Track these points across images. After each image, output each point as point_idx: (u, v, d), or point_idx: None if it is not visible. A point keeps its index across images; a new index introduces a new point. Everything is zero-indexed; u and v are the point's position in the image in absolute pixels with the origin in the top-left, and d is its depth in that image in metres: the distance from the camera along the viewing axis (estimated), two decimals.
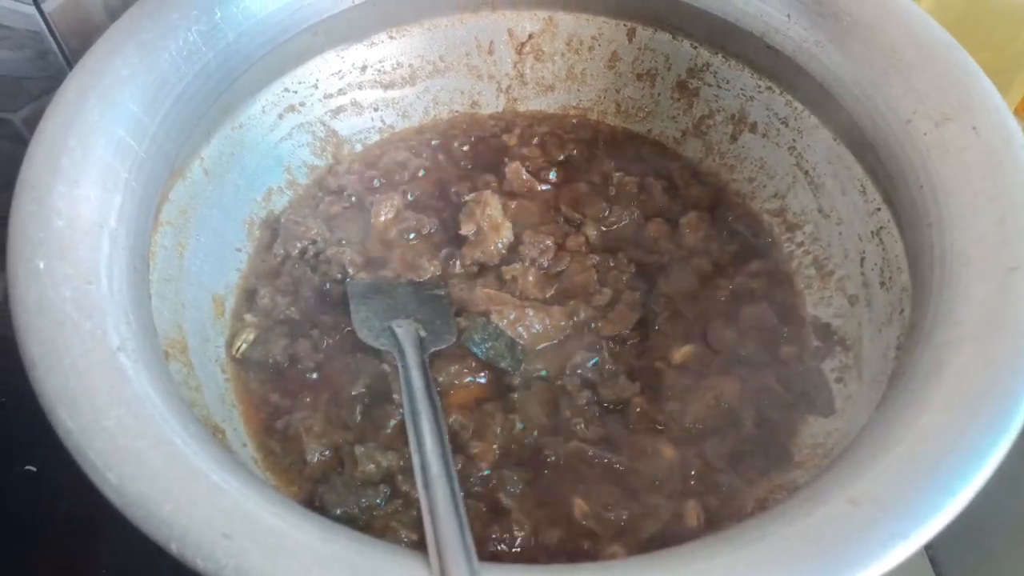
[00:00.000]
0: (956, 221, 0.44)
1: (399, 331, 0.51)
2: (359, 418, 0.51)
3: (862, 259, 0.55)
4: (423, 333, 0.52)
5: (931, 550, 0.54)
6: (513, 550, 0.46)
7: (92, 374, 0.36)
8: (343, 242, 0.59)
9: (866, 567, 0.31)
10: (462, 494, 0.39)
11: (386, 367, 0.52)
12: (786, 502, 0.35)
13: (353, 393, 0.52)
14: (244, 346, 0.53)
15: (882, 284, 0.53)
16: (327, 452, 0.49)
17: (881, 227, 0.54)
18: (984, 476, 0.33)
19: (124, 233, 0.44)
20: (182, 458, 0.34)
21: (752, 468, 0.50)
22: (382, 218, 0.60)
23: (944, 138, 0.46)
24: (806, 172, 0.60)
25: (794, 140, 0.61)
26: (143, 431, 0.35)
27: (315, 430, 0.50)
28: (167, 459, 0.34)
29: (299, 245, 0.58)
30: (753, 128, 0.63)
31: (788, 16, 0.56)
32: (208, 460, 0.35)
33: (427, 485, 0.38)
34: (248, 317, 0.55)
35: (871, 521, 0.32)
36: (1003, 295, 0.39)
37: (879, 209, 0.54)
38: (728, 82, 0.63)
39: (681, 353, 0.55)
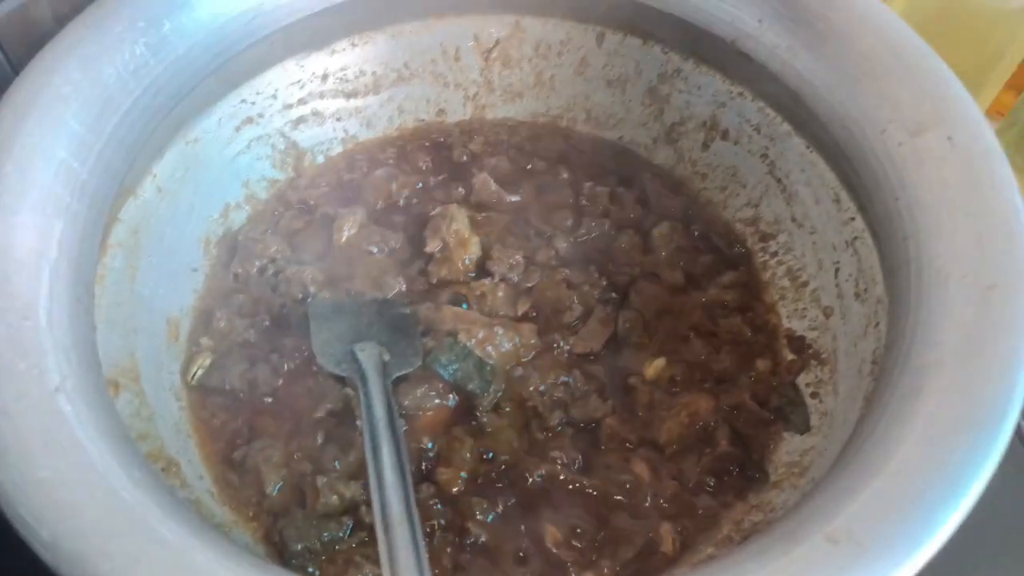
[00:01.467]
0: (933, 236, 0.42)
1: (361, 355, 0.49)
2: (320, 445, 0.49)
3: (836, 270, 0.54)
4: (387, 356, 0.50)
5: None
6: None
7: (26, 419, 0.34)
8: (304, 260, 0.57)
9: None
10: (423, 540, 0.37)
11: (349, 391, 0.50)
12: (763, 537, 0.33)
13: (315, 418, 0.50)
14: (200, 372, 0.51)
15: (857, 296, 0.52)
16: (287, 483, 0.47)
17: (856, 237, 0.52)
18: (965, 509, 0.32)
19: (66, 262, 0.42)
20: (125, 510, 0.32)
21: (728, 489, 0.48)
22: (345, 234, 0.58)
23: (920, 149, 0.45)
24: (779, 180, 0.59)
25: (767, 147, 0.59)
26: (81, 481, 0.32)
27: (274, 460, 0.48)
28: (107, 512, 0.32)
29: (257, 263, 0.56)
30: (725, 135, 0.62)
31: (760, 21, 0.54)
32: (155, 510, 0.33)
33: (387, 528, 0.36)
34: (204, 341, 0.53)
35: (849, 560, 0.30)
36: (982, 315, 0.38)
37: (853, 219, 0.53)
38: (699, 88, 0.62)
39: (653, 368, 0.53)
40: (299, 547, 0.44)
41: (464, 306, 0.55)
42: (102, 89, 0.47)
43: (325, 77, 0.63)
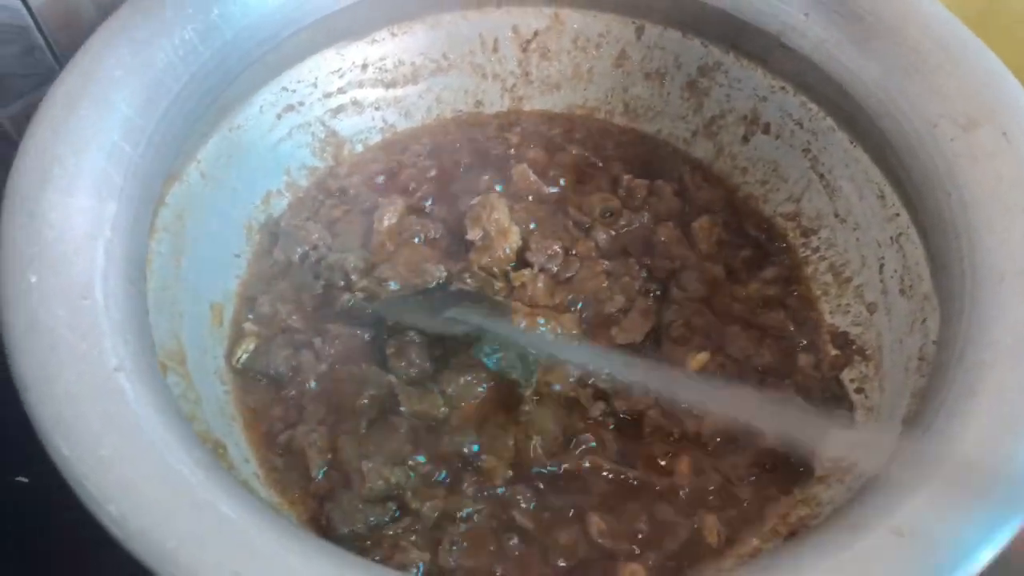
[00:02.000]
0: (986, 234, 0.42)
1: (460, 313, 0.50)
2: (365, 430, 0.49)
3: (881, 265, 0.54)
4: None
5: None
6: (528, 571, 0.44)
7: (87, 399, 0.34)
8: (345, 247, 0.57)
9: None
10: None
11: (392, 378, 0.50)
12: (820, 531, 0.33)
13: (359, 404, 0.50)
14: (245, 356, 0.51)
15: (902, 292, 0.51)
16: (332, 467, 0.47)
17: (900, 233, 0.52)
18: None
19: (120, 243, 0.42)
20: (187, 488, 0.32)
21: (773, 482, 0.48)
22: (385, 223, 0.58)
23: (972, 144, 0.45)
24: (821, 175, 0.58)
25: (809, 142, 0.59)
26: (143, 459, 0.33)
27: (319, 444, 0.48)
28: (170, 490, 0.32)
29: (299, 250, 0.56)
30: (766, 129, 0.61)
31: (806, 15, 0.54)
32: (215, 489, 0.33)
33: None
34: (248, 326, 0.53)
35: (917, 554, 0.30)
36: None
37: (898, 215, 0.53)
38: (740, 82, 0.62)
39: (696, 361, 0.53)
40: (346, 531, 0.44)
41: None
42: (152, 73, 0.47)
43: (365, 66, 0.63)
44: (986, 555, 0.30)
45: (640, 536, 0.46)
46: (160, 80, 0.47)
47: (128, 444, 0.33)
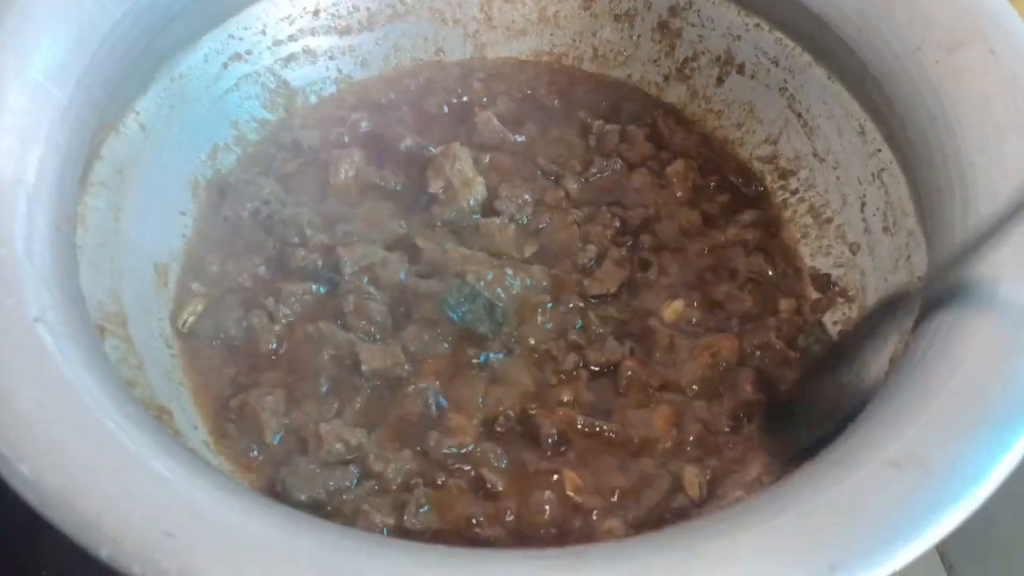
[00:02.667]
0: (977, 155, 0.40)
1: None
2: (324, 393, 0.46)
3: (862, 204, 0.51)
4: None
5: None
6: (499, 531, 0.42)
7: (3, 350, 0.30)
8: (300, 203, 0.53)
9: (913, 539, 0.27)
10: None
11: (352, 336, 0.47)
12: (812, 464, 0.31)
13: (317, 365, 0.47)
14: (191, 319, 0.48)
15: (885, 230, 0.49)
16: (289, 432, 0.44)
17: (882, 169, 0.50)
18: None
19: (46, 191, 0.39)
20: (115, 445, 0.29)
21: (754, 430, 0.46)
22: (342, 176, 0.55)
23: (958, 65, 0.42)
24: (799, 114, 0.56)
25: (785, 81, 0.56)
26: (66, 414, 0.29)
27: (274, 407, 0.45)
28: (96, 446, 0.29)
29: (250, 206, 0.52)
30: (741, 70, 0.59)
31: None
32: (147, 445, 0.30)
33: None
34: (196, 286, 0.49)
35: (915, 485, 0.28)
36: None
37: (879, 150, 0.50)
38: (712, 20, 0.59)
39: (671, 310, 0.51)
40: (303, 497, 0.41)
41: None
42: (78, 10, 0.43)
43: (316, 13, 0.59)
44: (989, 484, 0.28)
45: (617, 491, 0.43)
46: (89, 19, 0.44)
47: (49, 399, 0.30)
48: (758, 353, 0.49)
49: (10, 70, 0.40)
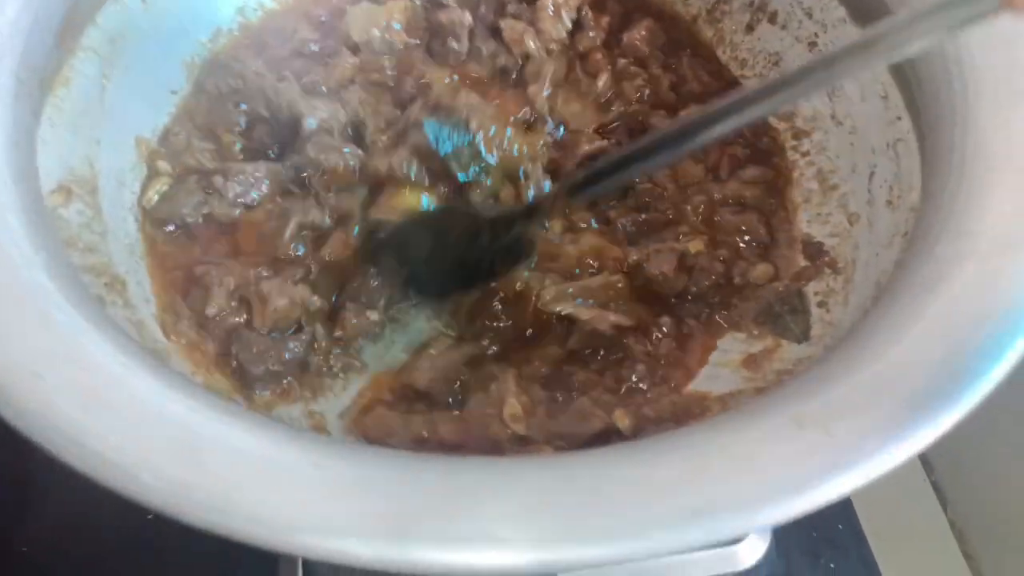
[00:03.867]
0: (988, 120, 0.37)
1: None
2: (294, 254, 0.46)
3: (871, 174, 0.48)
4: None
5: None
6: None
7: None
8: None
9: (797, 496, 0.25)
10: None
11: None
12: (730, 414, 0.29)
13: (285, 239, 0.47)
14: (156, 197, 0.48)
15: (889, 203, 0.46)
16: (238, 302, 0.44)
17: (899, 139, 0.46)
18: (958, 416, 0.27)
19: (14, 39, 0.38)
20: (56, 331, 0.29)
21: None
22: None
23: (991, 30, 0.38)
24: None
25: (816, 35, 0.53)
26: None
27: (228, 281, 0.44)
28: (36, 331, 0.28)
29: (232, 83, 0.51)
30: (772, 18, 0.55)
31: None
32: (91, 332, 0.29)
33: None
34: (162, 164, 0.49)
35: (811, 447, 0.26)
36: None
37: (899, 118, 0.47)
38: None
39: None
40: (260, 371, 0.41)
41: None
42: None
43: None
44: (888, 462, 0.26)
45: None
46: None
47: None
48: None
49: None
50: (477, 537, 0.24)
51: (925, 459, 0.58)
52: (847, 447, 0.26)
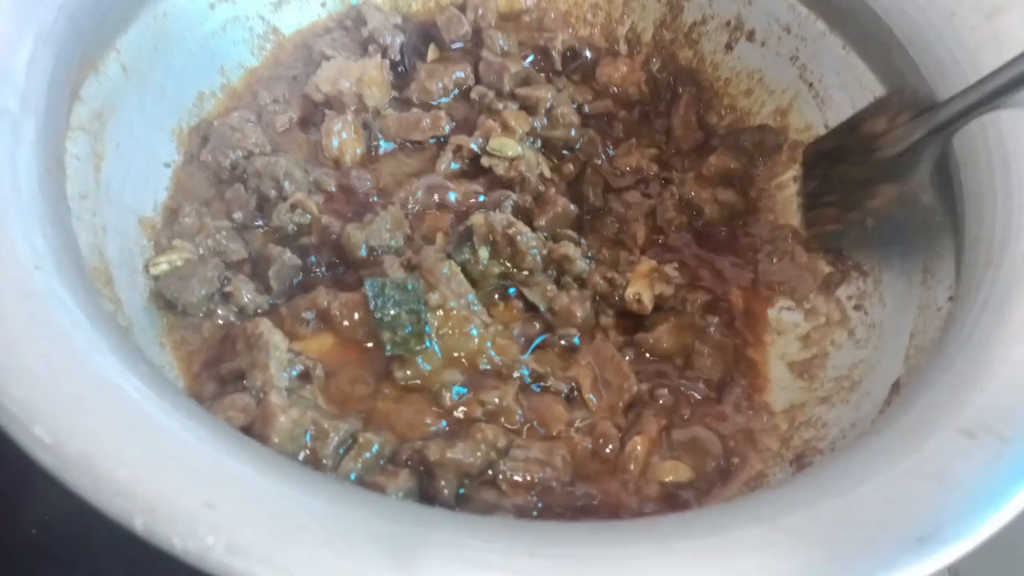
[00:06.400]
0: (1015, 123, 0.39)
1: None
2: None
3: None
4: None
5: None
6: None
7: (3, 299, 0.27)
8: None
9: (995, 511, 0.26)
10: None
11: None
12: (881, 431, 0.30)
13: None
14: (166, 267, 0.44)
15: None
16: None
17: None
18: None
19: (32, 123, 0.35)
20: (134, 405, 0.26)
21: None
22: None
23: (998, 31, 0.41)
24: (811, 84, 0.55)
25: (797, 49, 0.55)
26: (78, 371, 0.26)
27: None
28: (114, 407, 0.26)
29: (232, 155, 0.49)
30: (751, 36, 0.57)
31: None
32: (168, 408, 0.27)
33: None
34: (178, 243, 0.45)
35: (993, 456, 0.27)
36: None
37: None
38: None
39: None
40: None
41: None
42: None
43: None
44: None
45: None
46: None
47: (57, 353, 0.26)
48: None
49: None
50: None
51: None
52: None
